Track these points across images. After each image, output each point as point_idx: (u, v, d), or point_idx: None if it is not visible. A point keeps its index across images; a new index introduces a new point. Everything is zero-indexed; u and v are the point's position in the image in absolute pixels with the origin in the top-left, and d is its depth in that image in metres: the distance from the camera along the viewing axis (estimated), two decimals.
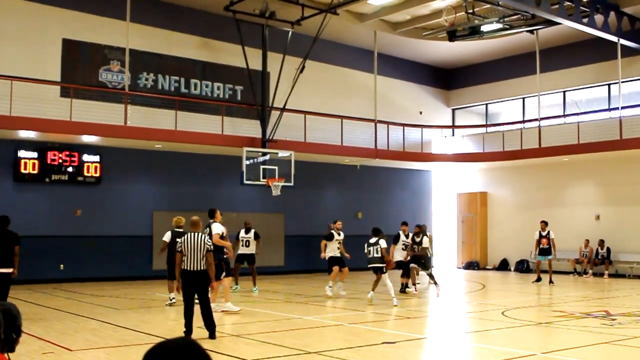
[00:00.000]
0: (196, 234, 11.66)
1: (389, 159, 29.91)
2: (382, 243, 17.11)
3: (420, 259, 20.10)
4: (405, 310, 16.05)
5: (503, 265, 31.67)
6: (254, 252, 20.86)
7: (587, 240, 27.97)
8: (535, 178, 30.86)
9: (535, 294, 20.57)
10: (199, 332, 11.32)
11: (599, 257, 27.74)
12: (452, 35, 27.64)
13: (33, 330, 11.79)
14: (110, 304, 17.00)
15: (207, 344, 10.75)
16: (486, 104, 34.63)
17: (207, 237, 11.75)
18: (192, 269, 11.46)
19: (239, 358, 9.76)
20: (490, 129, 33.06)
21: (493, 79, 33.38)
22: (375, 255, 17.03)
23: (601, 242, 27.74)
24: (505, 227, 31.83)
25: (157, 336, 11.32)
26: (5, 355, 4.24)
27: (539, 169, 30.51)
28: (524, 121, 31.88)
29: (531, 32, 28.10)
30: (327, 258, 19.13)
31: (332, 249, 19.15)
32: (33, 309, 15.53)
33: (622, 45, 26.89)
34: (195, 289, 11.48)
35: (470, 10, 25.34)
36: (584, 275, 27.18)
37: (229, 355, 9.94)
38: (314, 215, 27.94)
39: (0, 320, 3.62)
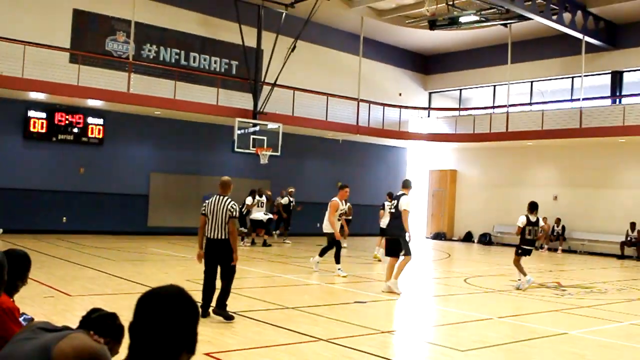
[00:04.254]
0: (223, 197, 9.61)
1: (369, 135, 29.95)
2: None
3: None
4: (377, 274, 16.18)
5: (467, 237, 31.92)
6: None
7: (545, 218, 28.13)
8: (501, 159, 31.03)
9: (495, 264, 20.76)
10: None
11: (555, 234, 28.04)
12: (433, 25, 27.57)
13: (36, 275, 11.78)
14: (107, 255, 17.01)
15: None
16: (460, 89, 34.70)
17: (232, 203, 9.50)
18: (214, 237, 9.30)
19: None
20: (462, 113, 33.18)
21: (468, 67, 33.41)
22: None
23: (557, 220, 28.03)
24: (472, 203, 32.04)
25: (150, 286, 11.35)
26: (11, 298, 4.27)
27: (505, 151, 30.68)
28: (493, 107, 31.99)
29: (505, 25, 28.11)
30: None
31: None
32: (37, 257, 15.49)
33: (586, 42, 26.98)
34: (218, 260, 9.32)
35: (451, 2, 25.29)
36: (540, 250, 27.44)
37: (213, 307, 10.00)
38: (298, 183, 27.94)
39: (3, 262, 3.61)
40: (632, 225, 25.56)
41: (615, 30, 28.19)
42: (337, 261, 15.04)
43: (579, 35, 26.55)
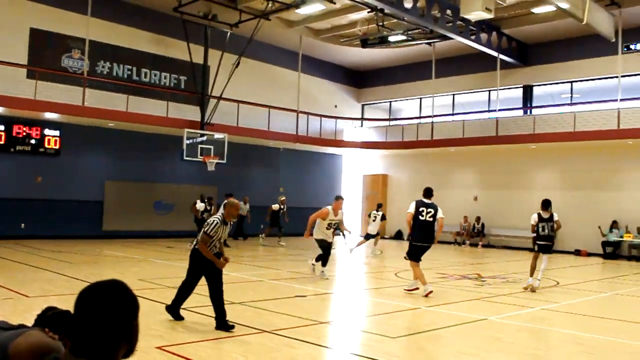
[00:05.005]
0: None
1: (307, 143, 30.02)
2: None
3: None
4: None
5: (398, 235, 32.24)
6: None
7: (466, 217, 28.78)
8: (428, 164, 31.46)
9: (423, 259, 20.92)
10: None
11: (475, 230, 28.59)
12: (365, 43, 27.88)
13: None
14: (64, 259, 16.63)
15: (154, 295, 10.70)
16: (390, 102, 35.07)
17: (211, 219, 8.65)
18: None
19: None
20: (392, 123, 33.52)
21: (397, 81, 33.83)
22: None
23: (477, 219, 28.60)
24: (401, 204, 32.23)
25: None
26: None
27: (431, 157, 31.13)
28: (420, 117, 32.43)
29: (429, 44, 28.59)
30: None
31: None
32: None
33: (501, 59, 27.63)
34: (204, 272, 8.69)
35: (381, 23, 25.55)
36: (462, 245, 27.94)
37: (165, 304, 9.89)
38: (243, 189, 27.79)
39: None
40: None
41: (526, 49, 28.95)
42: (324, 263, 14.19)
43: (495, 54, 27.15)
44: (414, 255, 12.44)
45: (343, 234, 16.76)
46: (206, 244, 8.42)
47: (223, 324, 8.21)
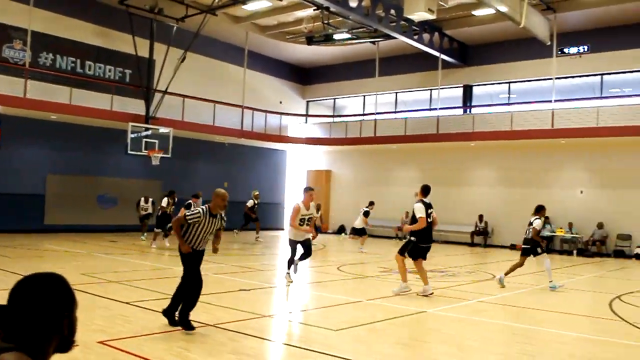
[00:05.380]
0: None
1: (252, 139, 29.92)
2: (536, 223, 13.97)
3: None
4: (260, 265, 16.21)
5: (340, 230, 32.40)
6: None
7: (407, 212, 29.04)
8: (370, 161, 31.71)
9: (364, 253, 21.15)
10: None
11: None
12: (310, 40, 27.87)
13: None
14: (4, 253, 16.15)
15: (97, 290, 10.50)
16: (334, 99, 35.22)
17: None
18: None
19: (120, 301, 9.57)
20: (336, 119, 33.68)
21: (341, 79, 33.98)
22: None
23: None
24: (344, 199, 32.56)
25: None
26: None
27: (374, 153, 31.38)
28: (363, 114, 32.68)
29: (373, 42, 28.80)
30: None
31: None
32: None
33: (442, 59, 28.06)
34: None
35: (326, 21, 25.62)
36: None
37: (113, 299, 9.74)
38: (187, 183, 27.54)
39: None
40: (480, 217, 26.89)
41: (466, 50, 29.46)
42: (301, 258, 12.90)
43: (436, 54, 27.55)
44: (420, 253, 11.60)
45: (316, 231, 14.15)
46: (179, 222, 7.84)
47: (174, 319, 7.89)
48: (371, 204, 23.42)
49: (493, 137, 26.18)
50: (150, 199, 22.35)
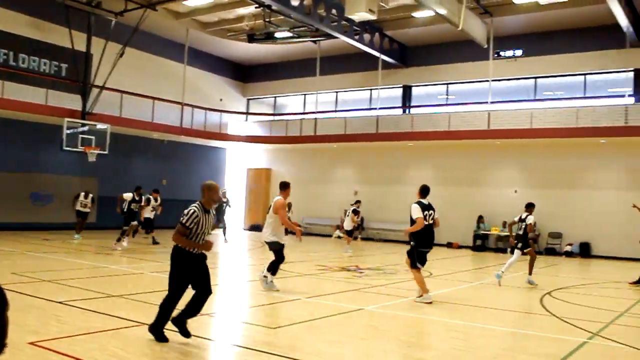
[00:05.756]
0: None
1: (192, 136, 29.57)
2: (530, 219, 14.02)
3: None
4: None
5: None
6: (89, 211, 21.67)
7: (346, 210, 29.21)
8: (310, 159, 31.76)
9: (304, 252, 21.16)
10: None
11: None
12: (251, 38, 27.75)
13: None
14: None
15: (29, 289, 10.18)
16: (275, 97, 35.15)
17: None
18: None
19: (53, 301, 9.30)
20: (277, 118, 33.63)
21: (282, 77, 33.94)
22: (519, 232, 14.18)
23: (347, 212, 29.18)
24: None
25: None
26: None
27: (314, 152, 31.44)
28: (304, 113, 32.72)
29: (314, 42, 28.86)
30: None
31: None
32: None
33: (382, 60, 28.35)
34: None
35: (268, 19, 25.54)
36: (342, 238, 28.38)
37: (45, 299, 9.46)
38: (124, 180, 27.02)
39: None
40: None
41: (406, 51, 29.84)
42: (275, 271, 11.65)
43: (377, 54, 27.81)
44: (420, 261, 10.97)
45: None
46: (182, 235, 7.06)
47: (184, 328, 7.25)
48: (357, 202, 23.35)
49: (431, 137, 26.59)
50: (91, 195, 21.70)
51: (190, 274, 7.25)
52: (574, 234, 24.60)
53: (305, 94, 33.43)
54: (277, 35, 27.01)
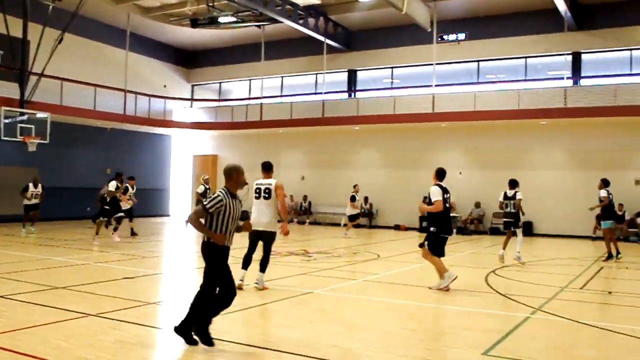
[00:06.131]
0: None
1: (135, 123, 29.08)
2: (520, 195, 14.51)
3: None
4: (146, 252, 15.81)
5: None
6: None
7: (292, 196, 29.31)
8: (257, 145, 31.60)
9: (347, 238, 21.00)
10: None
11: (303, 208, 29.23)
12: (195, 23, 27.37)
13: None
14: None
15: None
16: (220, 82, 34.81)
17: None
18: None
19: None
20: (222, 104, 33.34)
21: (227, 62, 33.61)
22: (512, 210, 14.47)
23: (305, 197, 29.26)
24: None
25: None
26: None
27: (260, 137, 31.31)
28: (249, 98, 32.54)
29: (259, 26, 28.64)
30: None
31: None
32: None
33: (327, 44, 28.34)
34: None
35: (211, 4, 25.22)
36: (290, 223, 28.42)
37: None
38: (67, 170, 26.46)
39: None
40: (366, 199, 27.42)
41: (351, 35, 29.89)
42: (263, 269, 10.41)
43: (321, 38, 27.79)
44: (440, 248, 10.58)
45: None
46: (198, 216, 6.43)
47: (205, 335, 6.50)
48: (354, 186, 23.26)
49: (377, 121, 26.76)
50: (40, 184, 20.92)
51: (222, 268, 6.50)
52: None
53: (250, 79, 33.20)
54: (221, 20, 26.70)
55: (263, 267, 10.30)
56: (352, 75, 30.45)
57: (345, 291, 10.31)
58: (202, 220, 6.47)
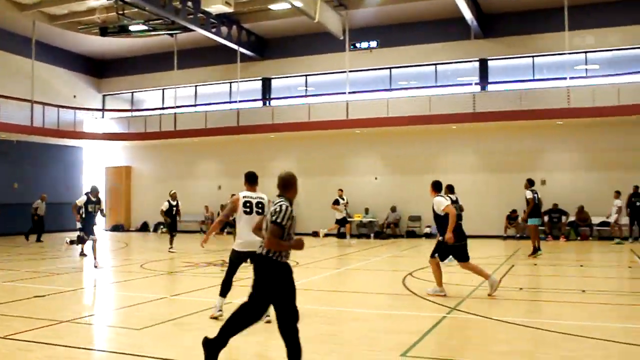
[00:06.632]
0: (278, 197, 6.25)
1: (44, 135, 28.01)
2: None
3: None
4: (55, 268, 15.28)
5: (144, 227, 31.56)
6: None
7: (207, 206, 29.04)
8: (172, 155, 31.14)
9: (167, 250, 20.71)
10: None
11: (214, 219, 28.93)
12: (104, 32, 26.67)
13: None
14: None
15: None
16: (132, 92, 34.06)
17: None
18: None
19: None
20: (135, 114, 32.65)
21: (139, 71, 32.93)
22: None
23: (222, 207, 28.94)
24: (146, 195, 31.68)
25: None
26: None
27: (175, 147, 30.84)
28: (163, 108, 32.02)
29: (171, 35, 28.21)
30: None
31: None
32: None
33: (241, 52, 28.23)
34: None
35: (121, 12, 24.66)
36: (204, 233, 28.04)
37: None
38: None
39: None
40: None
41: (265, 43, 29.90)
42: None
43: (235, 47, 27.67)
44: (463, 254, 10.50)
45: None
46: (278, 237, 5.66)
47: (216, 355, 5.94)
48: (339, 190, 23.51)
49: (292, 129, 26.86)
50: None
51: (288, 289, 5.85)
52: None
53: (163, 89, 32.66)
54: (132, 28, 26.13)
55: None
56: (266, 83, 30.43)
57: None
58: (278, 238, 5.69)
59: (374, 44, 27.36)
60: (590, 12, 24.27)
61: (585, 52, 25.11)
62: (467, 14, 23.12)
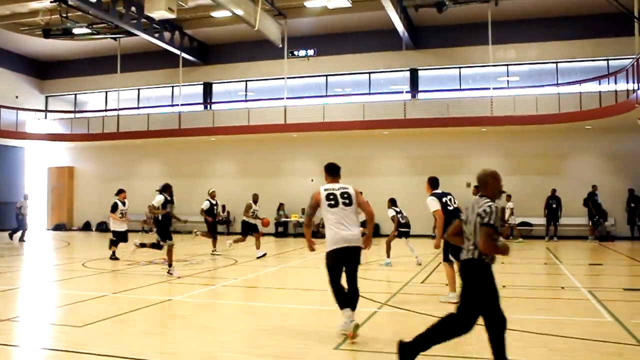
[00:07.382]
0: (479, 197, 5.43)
1: None
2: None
3: None
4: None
5: (86, 226, 30.87)
6: None
7: (150, 206, 28.50)
8: (114, 156, 30.58)
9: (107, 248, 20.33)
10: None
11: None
12: (47, 34, 25.99)
13: None
14: None
15: None
16: (75, 94, 33.28)
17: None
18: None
19: None
20: (78, 115, 31.89)
21: (83, 74, 32.24)
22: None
23: (150, 207, 28.44)
24: (89, 195, 31.01)
25: None
26: None
27: (118, 149, 30.30)
28: (106, 110, 31.40)
29: (115, 39, 27.68)
30: None
31: None
32: None
33: (183, 57, 27.97)
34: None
35: (64, 14, 24.09)
36: (150, 233, 27.59)
37: None
38: None
39: None
40: (223, 207, 27.22)
41: (207, 49, 29.70)
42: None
43: (177, 52, 27.38)
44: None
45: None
46: (494, 239, 5.08)
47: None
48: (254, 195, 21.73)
49: (232, 132, 26.77)
50: None
51: (497, 294, 5.25)
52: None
53: (106, 91, 32.03)
54: (75, 31, 25.56)
55: (355, 302, 7.58)
56: (207, 87, 30.23)
57: (204, 297, 10.24)
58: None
59: (311, 52, 27.55)
60: (512, 28, 25.13)
61: (507, 65, 25.99)
62: (399, 27, 23.55)
